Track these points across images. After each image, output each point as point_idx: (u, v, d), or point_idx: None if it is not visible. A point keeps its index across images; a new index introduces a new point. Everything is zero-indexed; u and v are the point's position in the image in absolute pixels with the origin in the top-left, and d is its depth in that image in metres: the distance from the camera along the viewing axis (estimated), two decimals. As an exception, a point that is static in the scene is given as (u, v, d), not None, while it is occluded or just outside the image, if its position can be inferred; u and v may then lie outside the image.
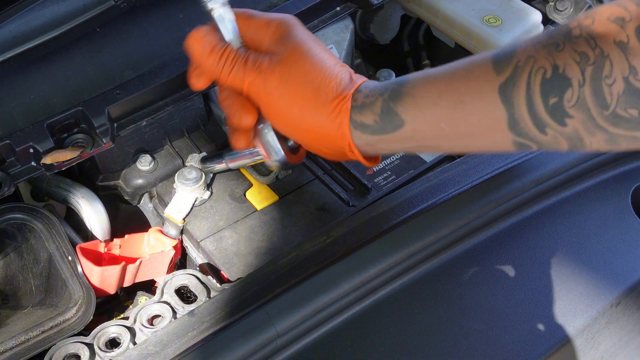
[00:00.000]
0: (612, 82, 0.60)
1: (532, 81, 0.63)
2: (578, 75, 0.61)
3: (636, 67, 0.59)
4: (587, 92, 0.61)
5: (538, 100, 0.64)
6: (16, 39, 0.82)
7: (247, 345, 0.70)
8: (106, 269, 0.83)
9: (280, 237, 0.89)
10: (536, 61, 0.63)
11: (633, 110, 0.60)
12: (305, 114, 0.72)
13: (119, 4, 0.87)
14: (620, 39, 0.60)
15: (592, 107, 0.62)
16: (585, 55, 0.61)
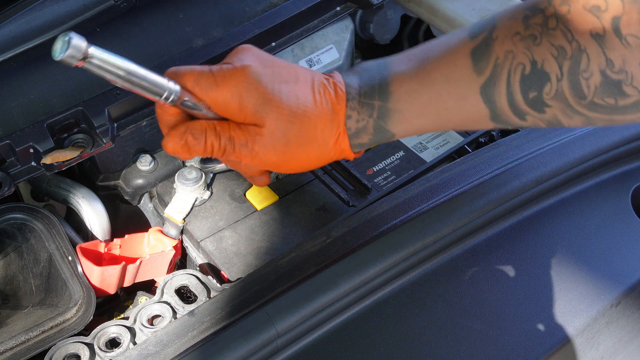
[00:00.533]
0: (589, 76, 0.61)
1: (511, 79, 0.64)
2: (556, 70, 0.62)
3: (612, 59, 0.59)
4: (565, 85, 0.62)
5: (518, 95, 0.65)
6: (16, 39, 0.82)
7: (247, 345, 0.70)
8: (106, 268, 0.83)
9: (280, 237, 0.89)
10: (515, 57, 0.64)
11: (610, 99, 0.61)
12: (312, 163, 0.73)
13: (119, 4, 0.87)
14: (597, 32, 0.59)
15: (569, 97, 0.62)
16: (562, 50, 0.61)
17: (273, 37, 0.97)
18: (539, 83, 0.63)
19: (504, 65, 0.64)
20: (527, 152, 0.89)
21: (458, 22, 1.11)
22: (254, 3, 1.00)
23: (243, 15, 0.99)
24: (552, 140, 0.91)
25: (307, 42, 1.07)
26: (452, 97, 0.68)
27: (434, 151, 0.99)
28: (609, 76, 0.60)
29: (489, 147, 0.91)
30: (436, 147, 1.00)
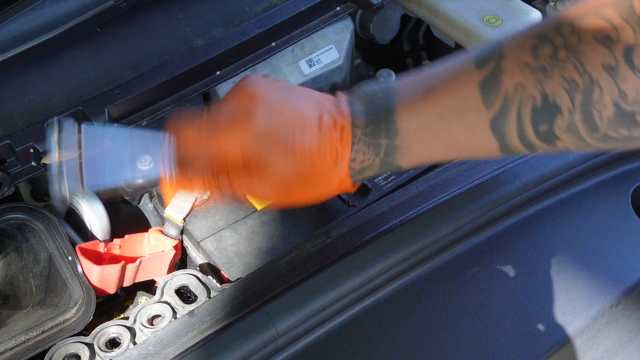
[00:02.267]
0: (602, 108, 0.59)
1: (522, 112, 0.63)
2: (568, 103, 0.60)
3: (626, 91, 0.58)
4: (578, 118, 0.61)
5: (529, 128, 0.63)
6: (16, 39, 0.82)
7: (247, 345, 0.70)
8: (106, 268, 0.83)
9: (280, 237, 0.89)
10: (525, 90, 0.62)
11: (623, 130, 0.60)
12: (312, 201, 0.72)
13: (119, 4, 0.87)
14: (609, 63, 0.58)
15: (582, 130, 0.61)
16: (574, 82, 0.60)
17: (273, 37, 0.97)
18: (551, 116, 0.61)
19: (514, 99, 0.63)
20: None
21: (458, 22, 1.11)
22: (254, 3, 1.00)
23: (243, 15, 0.99)
24: (552, 140, 0.91)
25: (307, 42, 1.07)
26: (461, 131, 0.67)
27: (434, 151, 0.99)
28: (622, 108, 0.59)
29: (489, 147, 0.91)
30: (436, 147, 0.99)
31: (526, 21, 1.10)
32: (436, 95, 0.67)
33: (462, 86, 0.66)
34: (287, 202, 0.73)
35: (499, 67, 0.64)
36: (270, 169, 0.70)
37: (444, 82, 0.67)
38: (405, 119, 0.69)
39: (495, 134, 0.65)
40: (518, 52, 0.63)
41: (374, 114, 0.70)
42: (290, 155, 0.70)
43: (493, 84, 0.64)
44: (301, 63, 1.06)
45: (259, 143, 0.69)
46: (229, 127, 0.69)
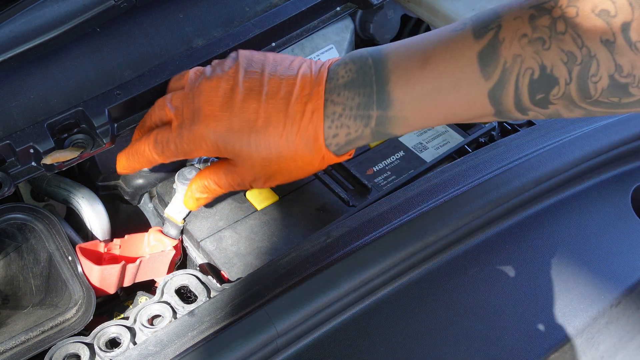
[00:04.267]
0: (597, 80, 0.61)
1: (520, 83, 0.64)
2: (565, 75, 0.61)
3: (622, 65, 0.59)
4: (573, 88, 0.62)
5: (525, 97, 0.64)
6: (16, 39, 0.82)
7: (247, 345, 0.70)
8: (106, 268, 0.83)
9: (280, 237, 0.89)
10: (523, 61, 0.63)
11: (614, 98, 0.61)
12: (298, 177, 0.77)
13: (119, 4, 0.87)
14: (607, 38, 0.59)
15: (575, 98, 0.62)
16: (572, 55, 0.61)
17: (273, 37, 0.97)
18: (547, 87, 0.63)
19: (512, 69, 0.63)
20: (527, 152, 0.89)
21: (458, 22, 1.11)
22: (254, 3, 1.00)
23: (243, 15, 0.99)
24: (552, 140, 0.91)
25: (307, 42, 1.07)
26: (459, 102, 0.67)
27: (434, 151, 0.99)
28: (617, 80, 0.60)
29: (489, 147, 0.91)
30: (436, 147, 1.00)
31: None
32: (433, 66, 0.67)
33: (460, 57, 0.66)
34: (277, 182, 0.77)
35: (497, 38, 0.64)
36: (241, 168, 0.75)
37: (441, 53, 0.67)
38: (401, 90, 0.68)
39: (492, 103, 0.66)
40: (516, 22, 0.63)
41: (363, 85, 0.70)
42: (255, 156, 0.73)
43: (491, 55, 0.64)
44: (301, 63, 1.06)
45: (223, 152, 0.74)
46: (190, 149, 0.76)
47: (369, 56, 0.71)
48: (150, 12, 0.94)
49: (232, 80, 0.74)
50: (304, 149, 0.72)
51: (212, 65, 0.79)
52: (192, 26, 0.95)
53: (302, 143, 0.72)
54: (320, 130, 0.71)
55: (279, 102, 0.72)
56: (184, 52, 0.93)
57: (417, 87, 0.68)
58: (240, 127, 0.72)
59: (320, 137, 0.71)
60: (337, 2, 1.03)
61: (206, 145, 0.74)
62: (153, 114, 0.80)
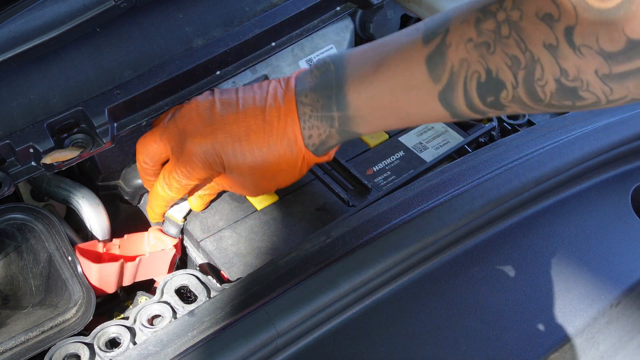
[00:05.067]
0: (544, 84, 0.60)
1: (468, 86, 0.65)
2: (511, 78, 0.62)
3: (567, 69, 0.59)
4: (522, 92, 0.62)
5: (476, 100, 0.65)
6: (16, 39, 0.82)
7: (247, 345, 0.70)
8: (104, 266, 0.83)
9: (280, 237, 0.89)
10: (469, 65, 0.64)
11: (567, 102, 0.61)
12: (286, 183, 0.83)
13: (119, 4, 0.87)
14: (550, 42, 0.58)
15: (527, 101, 0.63)
16: (516, 59, 0.61)
17: (273, 37, 0.97)
18: (496, 90, 0.63)
19: (459, 73, 0.64)
20: (527, 152, 0.89)
21: (458, 22, 1.11)
22: (254, 3, 1.00)
23: (243, 15, 0.99)
24: (552, 140, 0.91)
25: (307, 42, 1.07)
26: (411, 104, 0.70)
27: (434, 151, 0.99)
28: (564, 84, 0.60)
29: (489, 147, 0.91)
30: (436, 147, 0.99)
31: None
32: (385, 69, 0.70)
33: (409, 61, 0.68)
34: (265, 189, 0.83)
35: (444, 42, 0.65)
36: (230, 178, 0.81)
37: (393, 56, 0.70)
38: (355, 92, 0.72)
39: (444, 106, 0.68)
40: (462, 26, 0.64)
41: (324, 88, 0.74)
42: (242, 164, 0.78)
43: (439, 59, 0.66)
44: (301, 63, 1.06)
45: (209, 168, 0.79)
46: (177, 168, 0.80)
47: (331, 62, 0.75)
48: (150, 12, 0.94)
49: (209, 100, 0.80)
50: (286, 150, 0.77)
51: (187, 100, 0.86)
52: (192, 26, 0.95)
53: (283, 146, 0.77)
54: (298, 131, 0.76)
55: (255, 110, 0.77)
56: (184, 52, 0.93)
57: (370, 89, 0.71)
58: (224, 138, 0.77)
59: (299, 137, 0.76)
60: (337, 2, 1.03)
61: (198, 161, 0.78)
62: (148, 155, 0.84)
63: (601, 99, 0.60)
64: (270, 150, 0.77)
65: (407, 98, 0.69)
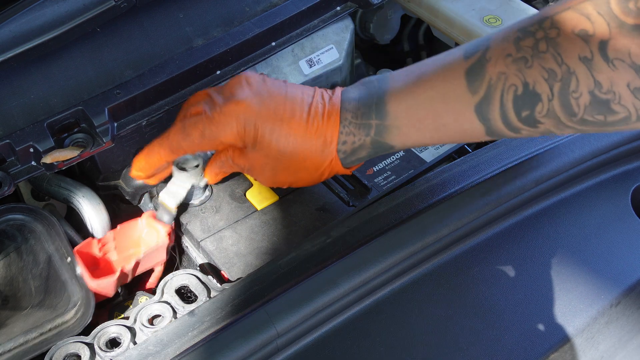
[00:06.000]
0: (578, 96, 0.63)
1: (504, 99, 0.67)
2: (547, 91, 0.64)
3: (601, 81, 0.62)
4: (556, 105, 0.65)
5: (511, 114, 0.67)
6: (16, 39, 0.82)
7: (247, 345, 0.70)
8: (102, 281, 0.82)
9: (280, 237, 0.89)
10: (507, 78, 0.66)
11: (599, 116, 0.64)
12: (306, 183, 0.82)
13: (119, 4, 0.87)
14: (585, 55, 0.62)
15: (561, 115, 0.65)
16: (553, 72, 0.64)
17: (273, 37, 0.97)
18: (531, 103, 0.65)
19: (497, 86, 0.67)
20: (527, 152, 0.89)
21: (458, 22, 1.11)
22: (254, 3, 1.00)
23: (243, 15, 0.99)
24: (552, 140, 0.91)
25: (307, 42, 1.07)
26: (448, 114, 0.71)
27: (434, 151, 0.99)
28: (597, 96, 0.62)
29: (489, 147, 0.91)
30: (436, 147, 1.00)
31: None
32: (425, 81, 0.73)
33: (449, 73, 0.71)
34: (280, 182, 0.82)
35: (484, 57, 0.68)
36: (256, 156, 0.79)
37: (434, 69, 0.73)
38: (395, 101, 0.74)
39: (480, 119, 0.69)
40: (502, 43, 0.67)
41: (367, 98, 0.76)
42: (274, 146, 0.77)
43: (478, 71, 0.68)
44: (301, 63, 1.06)
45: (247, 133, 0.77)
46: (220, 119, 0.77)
47: (376, 79, 0.78)
48: (150, 12, 0.94)
49: (261, 75, 0.81)
50: (318, 149, 0.77)
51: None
52: (192, 26, 0.95)
53: (318, 143, 0.77)
54: (336, 134, 0.77)
55: (302, 101, 0.78)
56: (184, 52, 0.93)
57: (409, 98, 0.73)
58: (268, 114, 0.77)
59: (334, 140, 0.77)
60: (337, 2, 1.03)
61: (236, 124, 0.77)
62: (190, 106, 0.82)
63: (632, 113, 0.62)
64: (304, 142, 0.77)
65: (445, 108, 0.71)
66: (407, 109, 0.73)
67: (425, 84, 0.72)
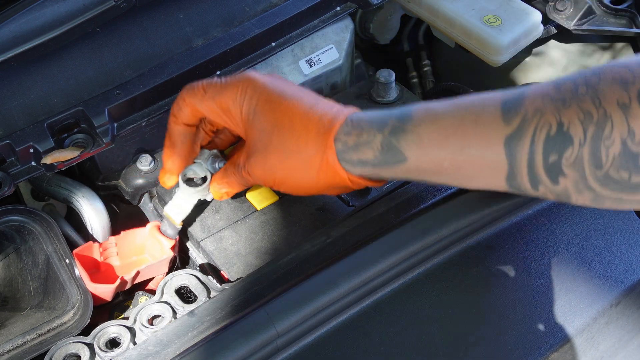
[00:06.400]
0: (610, 144, 0.63)
1: (536, 137, 0.65)
2: (580, 134, 0.63)
3: (634, 130, 0.61)
4: (586, 151, 0.63)
5: (539, 156, 0.65)
6: (16, 39, 0.82)
7: (247, 345, 0.70)
8: (100, 287, 0.82)
9: (280, 237, 0.89)
10: (543, 115, 0.65)
11: (624, 172, 0.63)
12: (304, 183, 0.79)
13: (119, 4, 0.87)
14: (623, 101, 0.62)
15: (587, 166, 0.64)
16: (589, 115, 0.63)
17: (273, 37, 0.97)
18: (562, 146, 0.64)
19: (532, 121, 0.65)
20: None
21: (458, 22, 1.11)
22: (254, 3, 1.00)
23: (243, 15, 0.99)
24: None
25: (307, 42, 1.07)
26: (477, 138, 0.68)
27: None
28: (628, 146, 0.62)
29: (489, 147, 0.91)
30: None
31: (526, 21, 1.10)
32: (459, 102, 0.71)
33: (485, 100, 0.69)
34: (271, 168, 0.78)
35: (523, 94, 0.68)
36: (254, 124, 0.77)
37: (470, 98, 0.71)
38: (423, 110, 0.71)
39: (507, 154, 0.67)
40: (542, 87, 0.68)
41: (387, 110, 0.74)
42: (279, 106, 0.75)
43: (515, 103, 0.67)
44: (301, 63, 1.06)
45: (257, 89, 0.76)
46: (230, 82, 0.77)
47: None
48: (150, 12, 0.94)
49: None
50: (314, 125, 0.74)
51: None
52: (192, 26, 0.95)
53: (314, 119, 0.74)
54: (340, 118, 0.74)
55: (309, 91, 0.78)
56: (184, 52, 0.93)
57: (439, 111, 0.70)
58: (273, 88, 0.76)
59: (336, 122, 0.73)
60: (337, 2, 1.03)
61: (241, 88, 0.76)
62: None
63: None
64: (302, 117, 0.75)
65: (474, 131, 0.68)
66: (434, 120, 0.70)
67: (458, 104, 0.70)
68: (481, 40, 1.09)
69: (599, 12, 1.17)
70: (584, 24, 1.17)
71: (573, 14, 1.17)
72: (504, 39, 1.08)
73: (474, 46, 1.11)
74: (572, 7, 1.17)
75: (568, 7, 1.17)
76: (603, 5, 1.17)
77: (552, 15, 1.18)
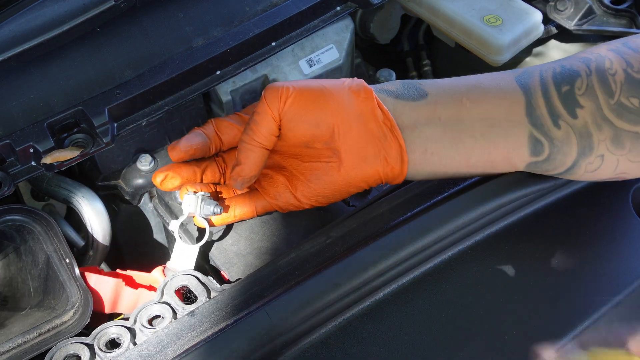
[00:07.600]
0: (614, 73, 0.71)
1: (544, 75, 0.74)
2: (584, 68, 0.72)
3: (632, 63, 0.70)
4: (595, 80, 0.71)
5: (551, 87, 0.73)
6: (16, 38, 0.82)
7: (247, 346, 0.70)
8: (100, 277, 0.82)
9: (280, 237, 0.89)
10: (544, 66, 0.75)
11: (634, 99, 0.69)
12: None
13: (119, 4, 0.87)
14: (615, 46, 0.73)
15: (599, 94, 0.71)
16: (587, 59, 0.73)
17: (273, 36, 0.97)
18: (570, 78, 0.72)
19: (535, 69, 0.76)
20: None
21: (458, 22, 1.11)
22: (254, 3, 1.00)
23: (243, 15, 0.99)
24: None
25: (307, 42, 1.07)
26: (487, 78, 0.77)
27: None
28: (631, 74, 0.70)
29: (489, 147, 0.91)
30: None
31: (526, 21, 1.10)
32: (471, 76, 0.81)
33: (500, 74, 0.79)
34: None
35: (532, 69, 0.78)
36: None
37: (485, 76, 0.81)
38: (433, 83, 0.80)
39: (521, 87, 0.75)
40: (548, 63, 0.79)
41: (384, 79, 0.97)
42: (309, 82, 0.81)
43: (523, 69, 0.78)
44: (301, 63, 1.06)
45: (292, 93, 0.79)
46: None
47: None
48: (150, 12, 0.94)
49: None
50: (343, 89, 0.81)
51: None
52: (192, 26, 0.95)
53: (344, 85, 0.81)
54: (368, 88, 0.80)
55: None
56: (184, 52, 0.93)
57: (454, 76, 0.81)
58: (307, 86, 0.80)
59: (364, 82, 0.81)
60: (337, 2, 1.03)
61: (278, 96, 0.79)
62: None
63: None
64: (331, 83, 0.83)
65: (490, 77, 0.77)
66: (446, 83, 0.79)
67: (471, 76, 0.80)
68: (481, 40, 1.09)
69: (599, 12, 1.17)
70: (584, 24, 1.17)
71: (573, 14, 1.17)
72: (504, 39, 1.08)
73: (474, 46, 1.11)
74: (573, 7, 1.17)
75: (568, 7, 1.17)
76: (603, 6, 1.17)
77: (553, 15, 1.18)
